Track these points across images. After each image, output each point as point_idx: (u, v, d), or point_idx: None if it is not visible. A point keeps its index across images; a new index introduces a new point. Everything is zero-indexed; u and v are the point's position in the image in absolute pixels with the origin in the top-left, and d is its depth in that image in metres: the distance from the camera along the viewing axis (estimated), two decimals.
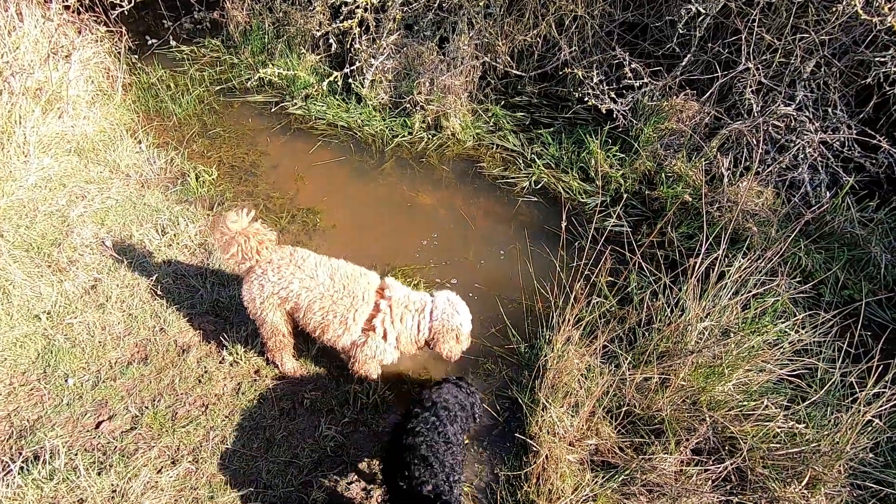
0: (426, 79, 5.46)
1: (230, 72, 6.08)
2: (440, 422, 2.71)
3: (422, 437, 2.62)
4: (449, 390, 2.92)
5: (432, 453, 2.57)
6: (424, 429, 2.66)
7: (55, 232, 4.10)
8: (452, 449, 2.65)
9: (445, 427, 2.70)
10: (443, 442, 2.64)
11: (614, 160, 5.03)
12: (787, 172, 4.51)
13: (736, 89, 4.75)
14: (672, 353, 3.39)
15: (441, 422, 2.71)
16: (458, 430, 2.78)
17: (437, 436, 2.65)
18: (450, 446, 2.65)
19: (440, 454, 2.58)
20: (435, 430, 2.67)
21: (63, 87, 5.07)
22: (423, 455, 2.55)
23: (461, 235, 4.65)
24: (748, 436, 3.06)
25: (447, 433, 2.68)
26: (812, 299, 3.95)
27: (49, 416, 3.08)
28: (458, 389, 2.97)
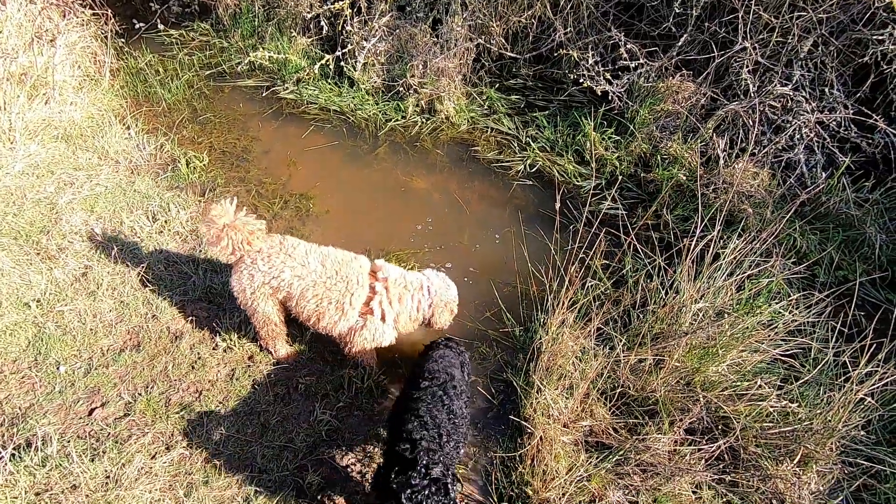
0: (419, 61, 5.38)
1: (220, 56, 5.98)
2: (447, 396, 2.71)
3: (426, 409, 2.62)
4: (450, 361, 2.94)
5: (437, 425, 2.57)
6: (430, 401, 2.67)
7: (44, 219, 4.05)
8: (456, 421, 2.66)
9: (452, 402, 2.71)
10: (447, 414, 2.64)
11: (610, 143, 4.99)
12: (783, 153, 4.48)
13: (732, 69, 4.70)
14: (666, 335, 3.39)
15: (448, 396, 2.72)
16: (463, 404, 2.79)
17: (442, 408, 2.65)
18: (453, 418, 2.66)
19: (445, 427, 2.58)
20: (441, 402, 2.67)
21: (48, 72, 4.98)
22: (426, 424, 2.55)
23: (456, 220, 4.62)
24: (741, 415, 3.07)
25: (452, 408, 2.69)
26: (806, 280, 3.95)
27: (41, 403, 3.06)
28: (455, 355, 3.02)
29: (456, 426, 2.64)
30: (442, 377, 2.79)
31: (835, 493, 2.98)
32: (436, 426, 2.55)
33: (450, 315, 3.37)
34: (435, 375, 2.81)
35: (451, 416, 2.64)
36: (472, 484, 3.06)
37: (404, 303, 3.22)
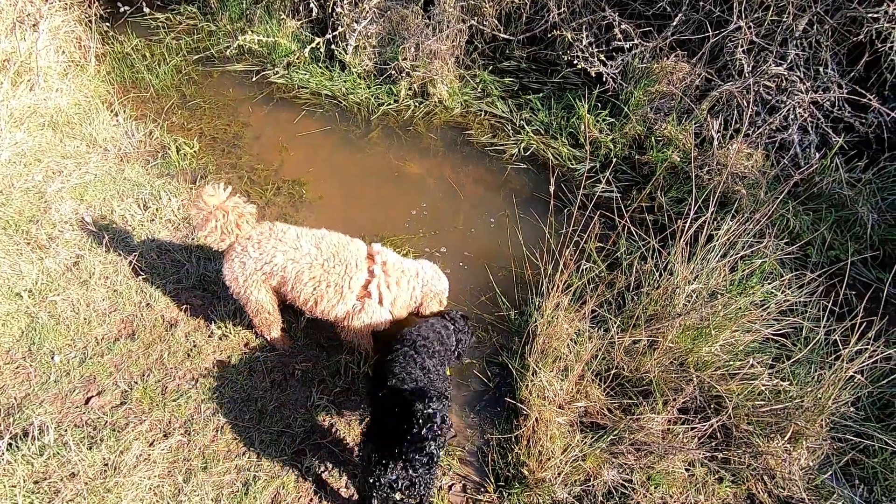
0: (411, 44, 5.31)
1: (208, 40, 5.88)
2: (418, 355, 2.80)
3: (399, 368, 2.72)
4: (431, 326, 3.05)
5: (411, 378, 2.67)
6: (402, 361, 2.76)
7: (33, 209, 4.00)
8: (430, 377, 2.74)
9: (424, 360, 2.79)
10: (420, 370, 2.72)
11: (604, 125, 4.96)
12: (776, 134, 4.47)
13: (727, 49, 4.66)
14: (660, 316, 3.41)
15: (419, 355, 2.80)
16: (437, 364, 2.86)
17: (415, 366, 2.74)
18: (427, 373, 2.74)
19: (419, 380, 2.68)
20: (412, 361, 2.76)
21: (32, 58, 4.87)
22: (403, 380, 2.65)
23: (450, 204, 4.60)
24: (733, 394, 3.11)
25: (425, 365, 2.77)
26: (799, 260, 3.97)
27: (36, 393, 3.06)
28: (443, 326, 3.09)
29: (431, 381, 2.71)
30: (412, 338, 2.91)
31: (824, 468, 3.04)
32: (413, 381, 2.64)
33: (438, 305, 3.39)
34: (406, 337, 2.94)
35: (424, 371, 2.73)
36: (468, 465, 3.10)
37: (401, 287, 3.24)
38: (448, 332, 3.10)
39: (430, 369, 2.77)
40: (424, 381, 2.68)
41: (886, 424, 3.12)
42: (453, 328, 3.15)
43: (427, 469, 2.38)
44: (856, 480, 3.03)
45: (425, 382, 2.67)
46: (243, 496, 2.77)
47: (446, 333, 3.07)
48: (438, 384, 2.78)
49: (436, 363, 2.84)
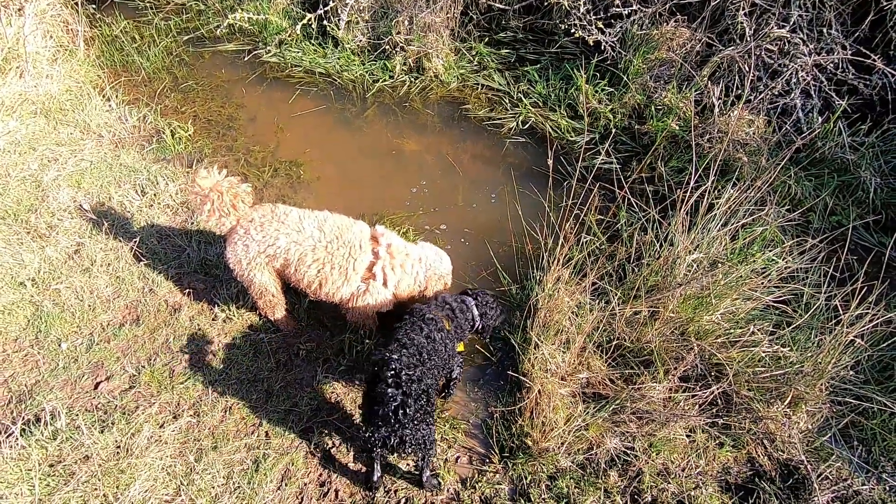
0: (405, 17, 5.20)
1: (197, 19, 5.77)
2: (425, 326, 2.86)
3: (402, 334, 2.79)
4: (443, 301, 3.10)
5: (413, 345, 2.75)
6: (407, 329, 2.83)
7: (30, 197, 3.99)
8: (435, 346, 2.81)
9: (430, 331, 2.84)
10: (425, 339, 2.79)
11: (603, 95, 4.88)
12: (778, 99, 4.40)
13: (728, 13, 4.55)
14: (661, 287, 3.41)
15: (427, 326, 2.86)
16: (445, 336, 2.92)
17: (419, 333, 2.80)
18: (432, 343, 2.81)
19: (422, 348, 2.75)
20: (418, 330, 2.82)
21: (20, 44, 4.80)
22: (405, 345, 2.73)
23: (449, 181, 4.57)
24: (734, 361, 3.14)
25: (431, 335, 2.83)
26: (801, 226, 3.96)
27: (46, 379, 3.10)
28: (459, 301, 3.15)
29: (436, 349, 2.78)
30: (422, 311, 2.96)
31: (823, 430, 3.08)
32: (415, 347, 2.71)
33: (443, 287, 3.40)
34: (416, 310, 2.99)
35: (430, 341, 2.78)
36: (473, 438, 3.16)
37: (406, 270, 3.25)
38: (464, 308, 3.12)
39: (437, 340, 2.81)
40: (428, 349, 2.73)
41: (886, 387, 3.15)
42: (475, 303, 3.18)
43: (407, 421, 2.45)
44: (854, 442, 3.08)
45: (427, 351, 2.72)
46: (254, 473, 2.83)
47: (461, 308, 3.10)
48: (443, 355, 2.83)
49: (444, 336, 2.88)
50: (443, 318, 2.97)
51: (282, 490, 2.82)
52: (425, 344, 2.75)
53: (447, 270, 3.37)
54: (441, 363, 2.83)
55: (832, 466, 2.94)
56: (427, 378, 2.63)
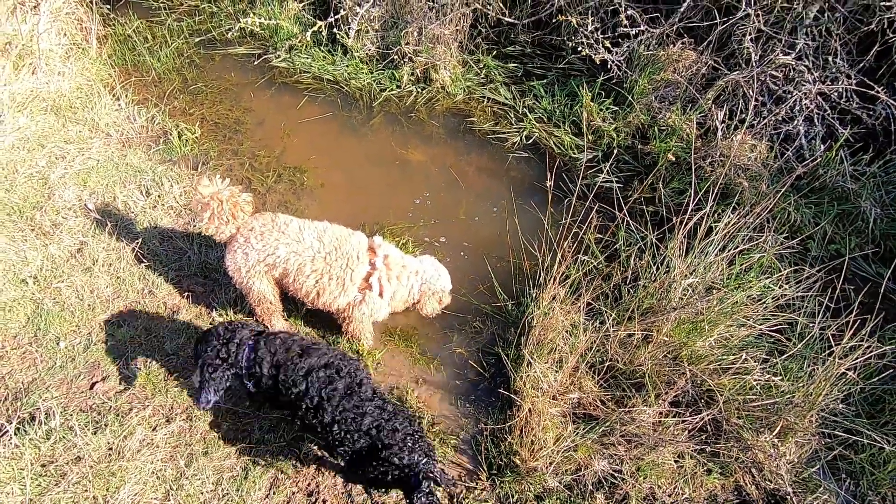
0: (414, 28, 5.24)
1: (210, 22, 5.82)
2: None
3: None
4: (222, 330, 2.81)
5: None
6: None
7: (37, 195, 4.05)
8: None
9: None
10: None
11: (607, 113, 4.90)
12: (782, 125, 4.41)
13: (735, 37, 4.57)
14: (656, 310, 3.43)
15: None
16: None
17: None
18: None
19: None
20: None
21: (34, 41, 4.86)
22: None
23: (452, 193, 4.60)
24: (725, 388, 3.15)
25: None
26: (799, 254, 3.96)
27: (43, 378, 3.15)
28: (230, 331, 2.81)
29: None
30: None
31: (812, 462, 3.09)
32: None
33: (437, 304, 3.43)
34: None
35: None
36: (462, 454, 3.18)
37: (402, 282, 3.29)
38: (231, 338, 2.74)
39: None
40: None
41: (876, 421, 3.15)
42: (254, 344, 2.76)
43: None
44: (842, 475, 3.08)
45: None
46: (243, 481, 2.86)
47: (225, 337, 2.74)
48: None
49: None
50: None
51: (270, 499, 2.85)
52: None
53: (442, 287, 3.39)
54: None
55: (819, 499, 2.95)
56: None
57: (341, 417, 2.56)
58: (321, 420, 2.57)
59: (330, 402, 2.57)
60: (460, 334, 3.74)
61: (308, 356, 2.67)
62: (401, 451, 2.49)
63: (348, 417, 2.55)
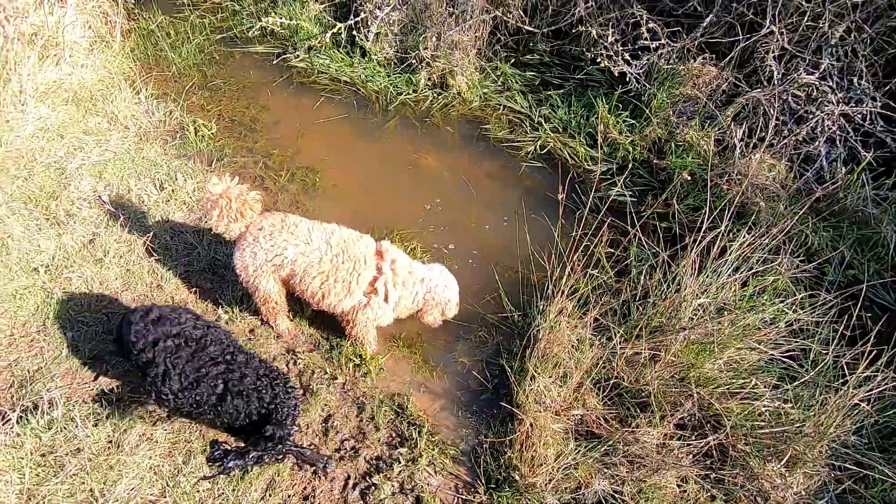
0: (433, 33, 5.23)
1: (232, 19, 5.87)
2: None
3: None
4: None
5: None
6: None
7: (53, 184, 4.10)
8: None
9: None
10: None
11: (624, 126, 4.85)
12: (802, 145, 4.32)
13: (758, 54, 4.50)
14: (665, 329, 3.37)
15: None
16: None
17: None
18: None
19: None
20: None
21: (59, 33, 4.93)
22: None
23: (463, 200, 4.57)
24: (733, 413, 3.07)
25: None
26: (815, 279, 3.87)
27: (48, 367, 3.17)
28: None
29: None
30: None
31: (820, 494, 3.00)
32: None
33: (440, 315, 3.40)
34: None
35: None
36: (461, 465, 3.14)
37: (407, 288, 3.27)
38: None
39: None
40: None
41: (889, 455, 3.06)
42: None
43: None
44: None
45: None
46: (239, 481, 2.85)
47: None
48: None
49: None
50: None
51: (265, 500, 2.84)
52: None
53: (447, 299, 3.35)
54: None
55: None
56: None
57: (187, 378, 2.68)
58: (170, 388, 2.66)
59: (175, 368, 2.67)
60: (465, 343, 3.70)
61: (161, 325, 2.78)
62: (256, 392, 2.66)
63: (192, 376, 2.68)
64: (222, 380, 2.67)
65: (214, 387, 2.65)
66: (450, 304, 3.36)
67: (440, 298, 3.31)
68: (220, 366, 2.71)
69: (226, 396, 2.64)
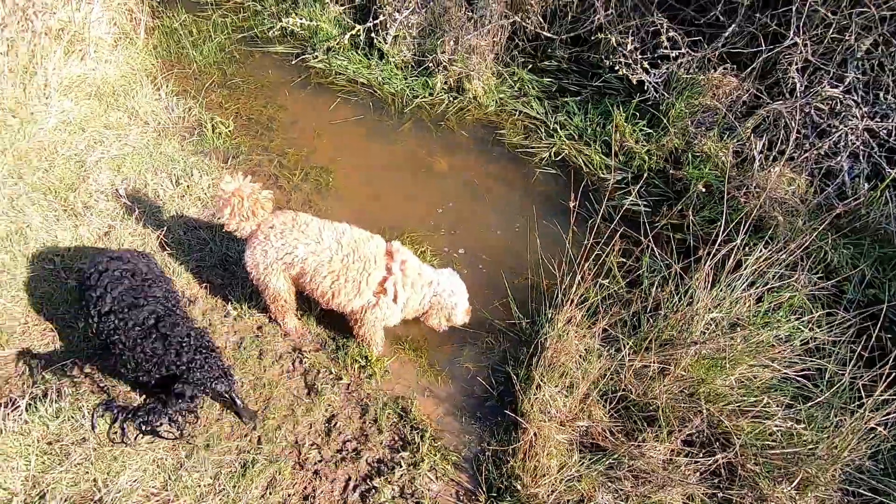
0: (451, 37, 5.24)
1: (253, 19, 5.94)
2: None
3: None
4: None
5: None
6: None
7: (72, 176, 4.18)
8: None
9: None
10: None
11: (640, 135, 4.79)
12: (824, 160, 4.23)
13: (780, 66, 4.42)
14: (675, 342, 3.31)
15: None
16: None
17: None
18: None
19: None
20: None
21: (85, 28, 5.04)
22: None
23: (475, 205, 4.56)
24: (743, 432, 3.00)
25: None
26: (833, 296, 3.77)
27: (59, 356, 3.22)
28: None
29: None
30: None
31: None
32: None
33: (444, 320, 3.38)
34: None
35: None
36: (462, 472, 3.11)
37: (416, 290, 3.27)
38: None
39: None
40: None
41: None
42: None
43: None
44: None
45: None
46: (240, 477, 2.86)
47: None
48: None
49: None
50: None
51: (265, 498, 2.84)
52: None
53: (453, 304, 3.33)
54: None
55: None
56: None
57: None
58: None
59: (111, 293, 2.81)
60: (471, 349, 3.68)
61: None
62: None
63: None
64: (155, 316, 2.76)
65: (145, 319, 2.72)
66: (455, 309, 3.34)
67: (445, 303, 3.30)
68: (159, 305, 2.80)
69: (151, 334, 2.68)
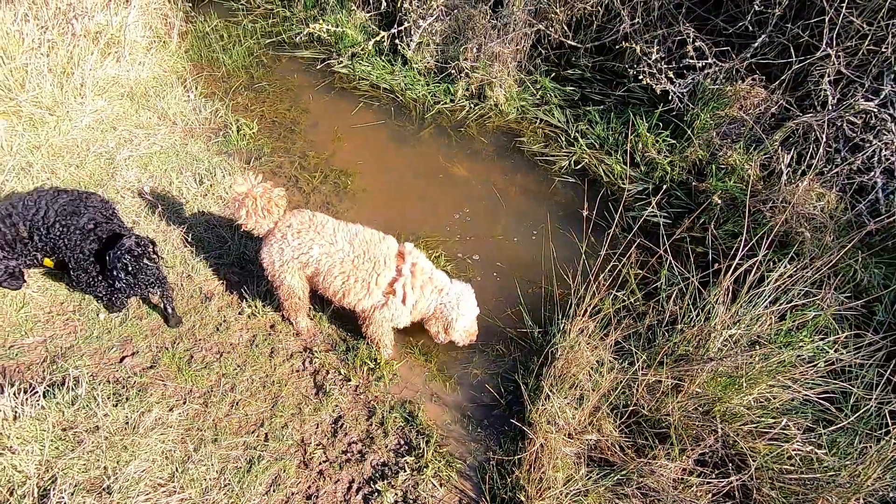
0: (474, 44, 5.26)
1: (281, 25, 6.09)
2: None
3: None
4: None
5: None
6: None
7: (102, 173, 4.32)
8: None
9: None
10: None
11: (663, 146, 4.71)
12: (856, 175, 4.07)
13: (812, 78, 4.28)
14: (691, 358, 3.21)
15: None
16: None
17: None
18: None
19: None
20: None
21: (121, 32, 5.24)
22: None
23: (492, 211, 4.54)
24: (759, 454, 2.88)
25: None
26: (862, 317, 3.61)
27: (79, 345, 3.32)
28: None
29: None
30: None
31: None
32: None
33: (443, 333, 3.36)
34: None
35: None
36: (467, 480, 3.07)
37: (425, 292, 3.27)
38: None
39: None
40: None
41: None
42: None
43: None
44: None
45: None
46: (245, 473, 2.88)
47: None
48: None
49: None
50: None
51: (269, 495, 2.85)
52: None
53: (452, 319, 3.29)
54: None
55: None
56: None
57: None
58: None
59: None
60: (481, 356, 3.64)
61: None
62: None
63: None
64: (94, 222, 3.18)
65: (84, 224, 3.15)
66: (453, 323, 3.30)
67: (447, 315, 3.30)
68: (99, 217, 3.22)
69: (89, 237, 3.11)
